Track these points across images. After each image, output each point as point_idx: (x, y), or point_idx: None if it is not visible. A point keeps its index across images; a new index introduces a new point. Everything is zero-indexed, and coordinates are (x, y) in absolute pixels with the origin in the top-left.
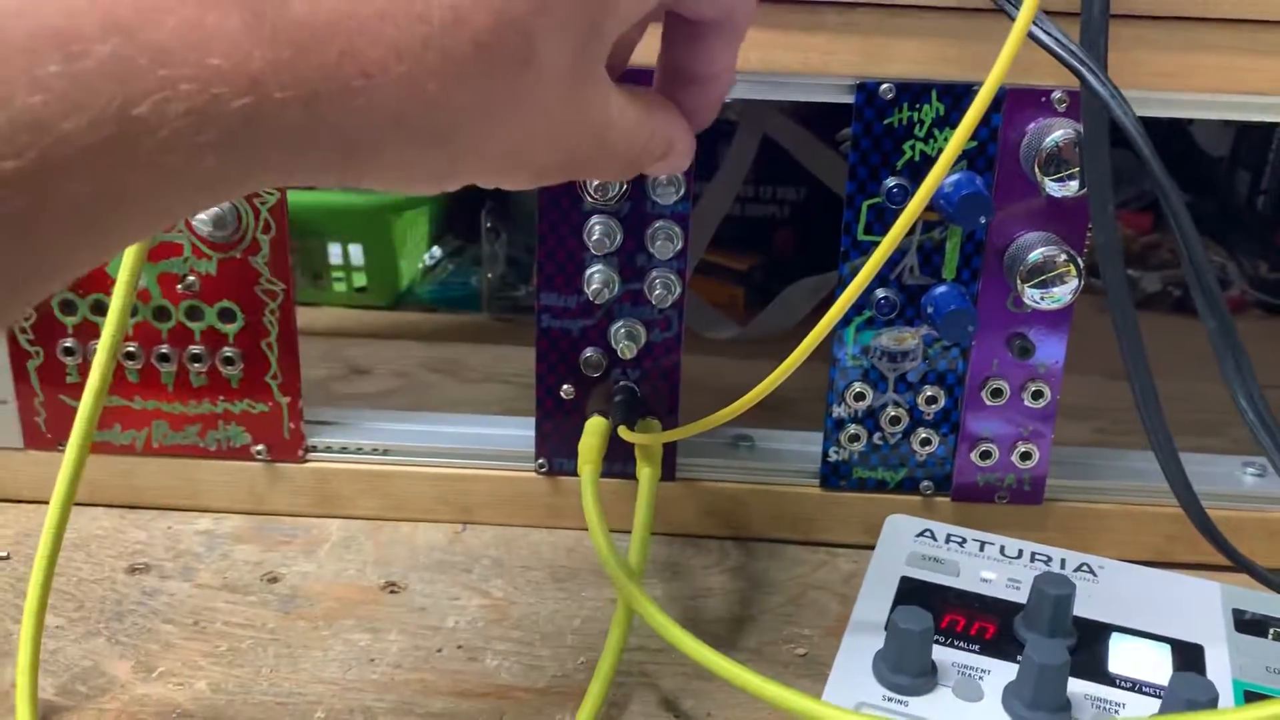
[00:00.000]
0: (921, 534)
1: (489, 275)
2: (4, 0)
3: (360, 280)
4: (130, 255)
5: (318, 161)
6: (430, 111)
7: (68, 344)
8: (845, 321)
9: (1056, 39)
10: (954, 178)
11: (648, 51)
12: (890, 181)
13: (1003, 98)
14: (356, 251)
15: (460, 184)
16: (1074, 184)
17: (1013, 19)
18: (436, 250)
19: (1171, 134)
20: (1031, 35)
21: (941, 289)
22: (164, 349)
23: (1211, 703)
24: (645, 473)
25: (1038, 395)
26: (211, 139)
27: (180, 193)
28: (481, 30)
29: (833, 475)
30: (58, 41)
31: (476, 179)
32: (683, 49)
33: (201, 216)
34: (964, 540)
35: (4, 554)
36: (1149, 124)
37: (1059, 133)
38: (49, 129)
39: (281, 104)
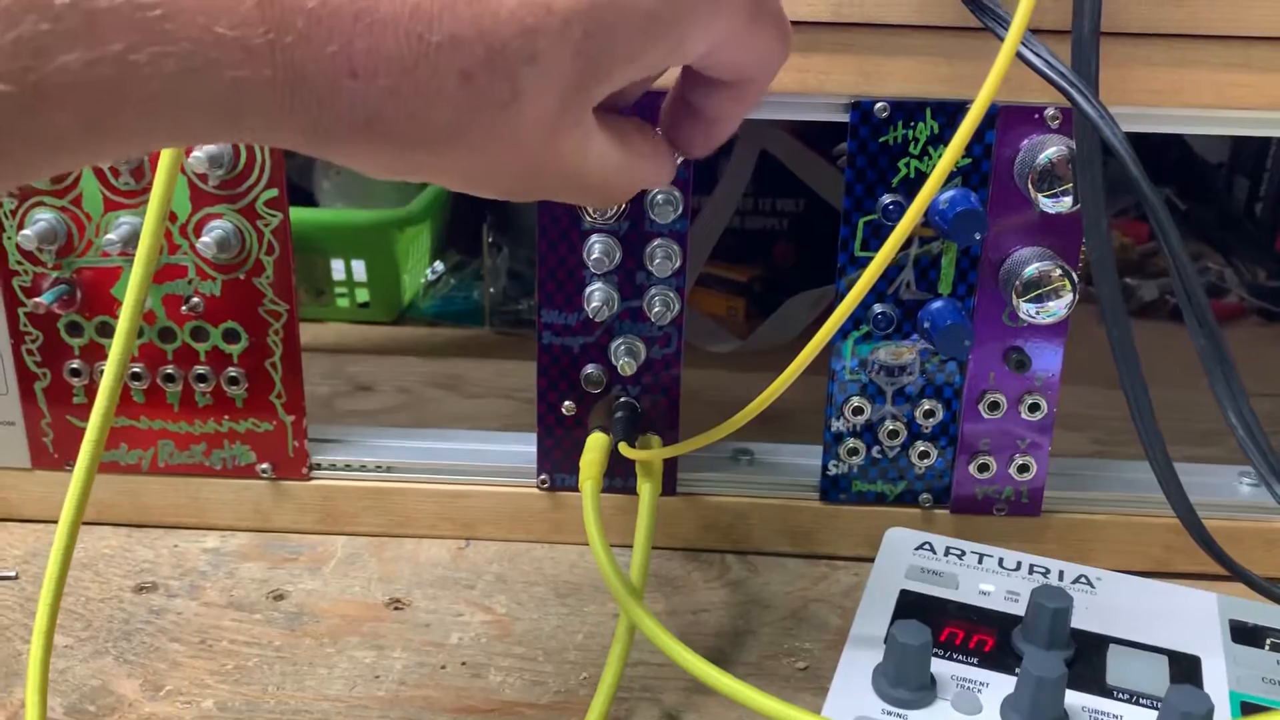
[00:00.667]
0: (921, 547)
1: (491, 289)
2: None
3: (363, 296)
4: (136, 277)
5: (289, 137)
6: (405, 122)
7: (74, 365)
8: (843, 336)
9: (1046, 60)
10: (949, 194)
11: None
12: (886, 198)
13: (995, 115)
14: (359, 267)
15: (420, 181)
16: (1068, 200)
17: (1001, 39)
18: (439, 265)
19: (1169, 142)
20: (1021, 57)
21: (938, 304)
22: (169, 369)
23: (1207, 715)
24: (646, 488)
25: (1034, 408)
26: (197, 99)
27: (156, 134)
28: (472, 63)
29: (832, 489)
30: None
31: (439, 184)
32: (696, 91)
33: (205, 239)
34: (963, 553)
35: (12, 574)
36: (1145, 133)
37: (1052, 149)
38: (50, 57)
39: (270, 82)
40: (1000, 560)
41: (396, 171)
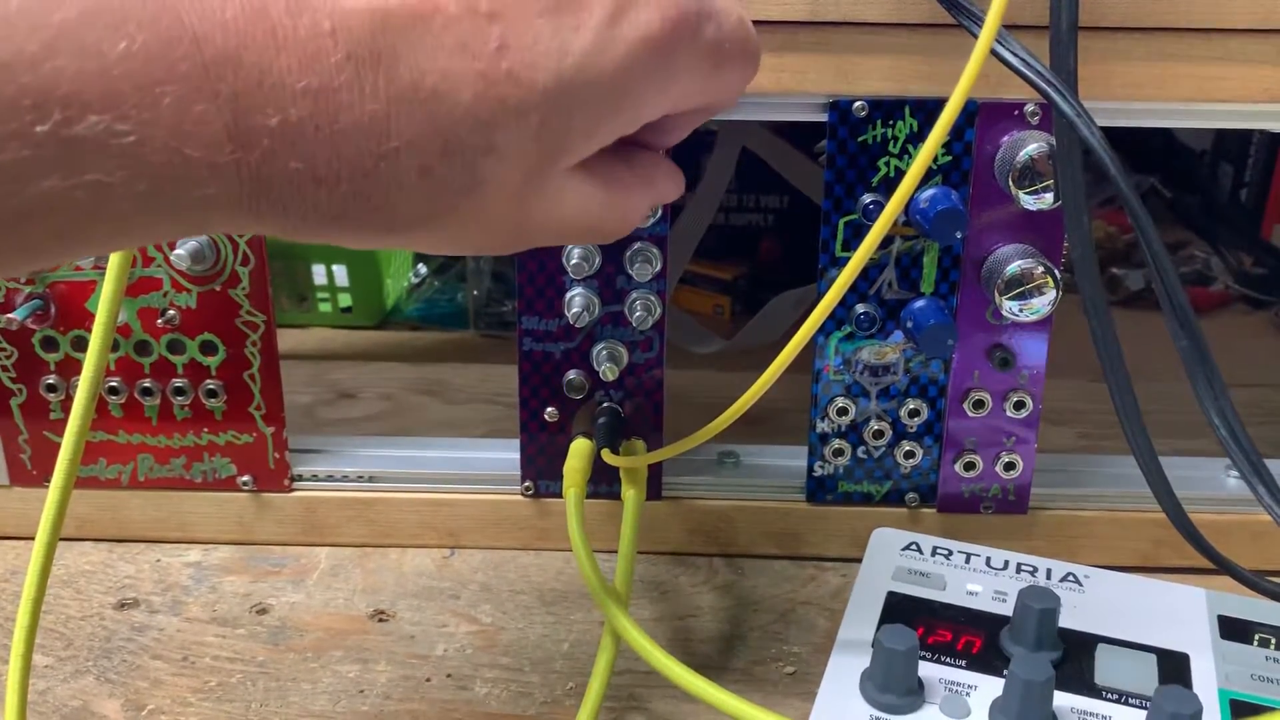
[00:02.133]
0: (908, 547)
1: (474, 291)
2: (14, 52)
3: (345, 300)
4: (109, 291)
5: (259, 232)
6: (372, 214)
7: (50, 380)
8: (826, 336)
9: (1022, 58)
10: (929, 193)
11: None
12: (866, 198)
13: (975, 111)
14: (341, 272)
15: (401, 249)
16: (1049, 196)
17: (976, 36)
18: (421, 268)
19: (1153, 130)
20: (996, 54)
21: (920, 303)
22: (147, 383)
23: (1195, 715)
24: (630, 495)
25: (1019, 405)
26: (167, 212)
27: (125, 240)
28: (431, 158)
29: (818, 490)
30: (60, 103)
31: (418, 250)
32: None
33: (179, 251)
34: (950, 553)
35: None
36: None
37: (1032, 146)
38: (30, 183)
39: (236, 195)
40: (988, 559)
41: (375, 247)
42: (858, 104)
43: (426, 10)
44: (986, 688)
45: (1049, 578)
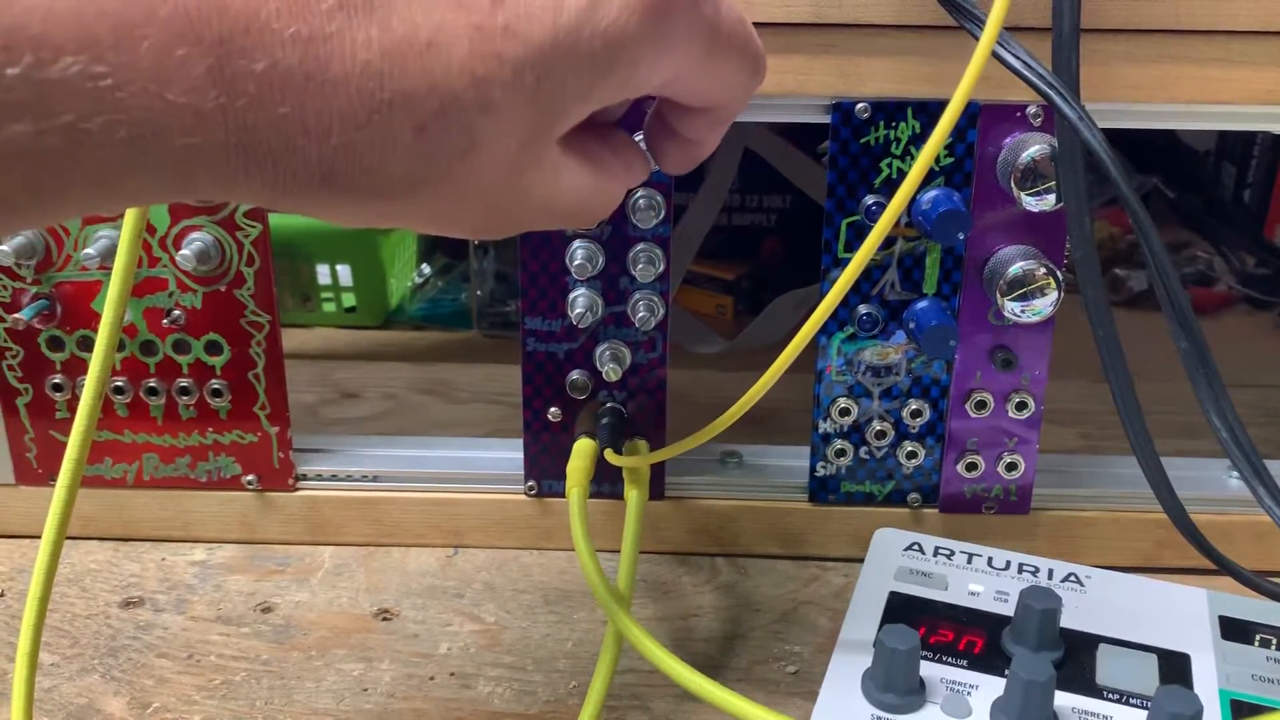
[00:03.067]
0: (910, 547)
1: (478, 291)
2: None
3: (350, 300)
4: (115, 291)
5: (246, 195)
6: (362, 175)
7: (56, 380)
8: (828, 336)
9: (1024, 61)
10: (932, 194)
11: None
12: (869, 199)
13: (977, 113)
14: (345, 272)
15: (388, 227)
16: (1051, 198)
17: (977, 39)
18: (425, 268)
19: (1156, 130)
20: (998, 57)
21: (923, 304)
22: (152, 382)
23: (1196, 716)
24: (633, 495)
25: (1021, 406)
26: (149, 164)
27: (107, 199)
28: (426, 116)
29: (821, 490)
30: (31, 45)
31: (408, 228)
32: (671, 113)
33: (185, 252)
34: (952, 553)
35: None
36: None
37: (1035, 148)
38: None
39: (223, 145)
40: (989, 559)
41: (361, 220)
42: (860, 105)
43: None
44: (988, 688)
45: (1050, 578)
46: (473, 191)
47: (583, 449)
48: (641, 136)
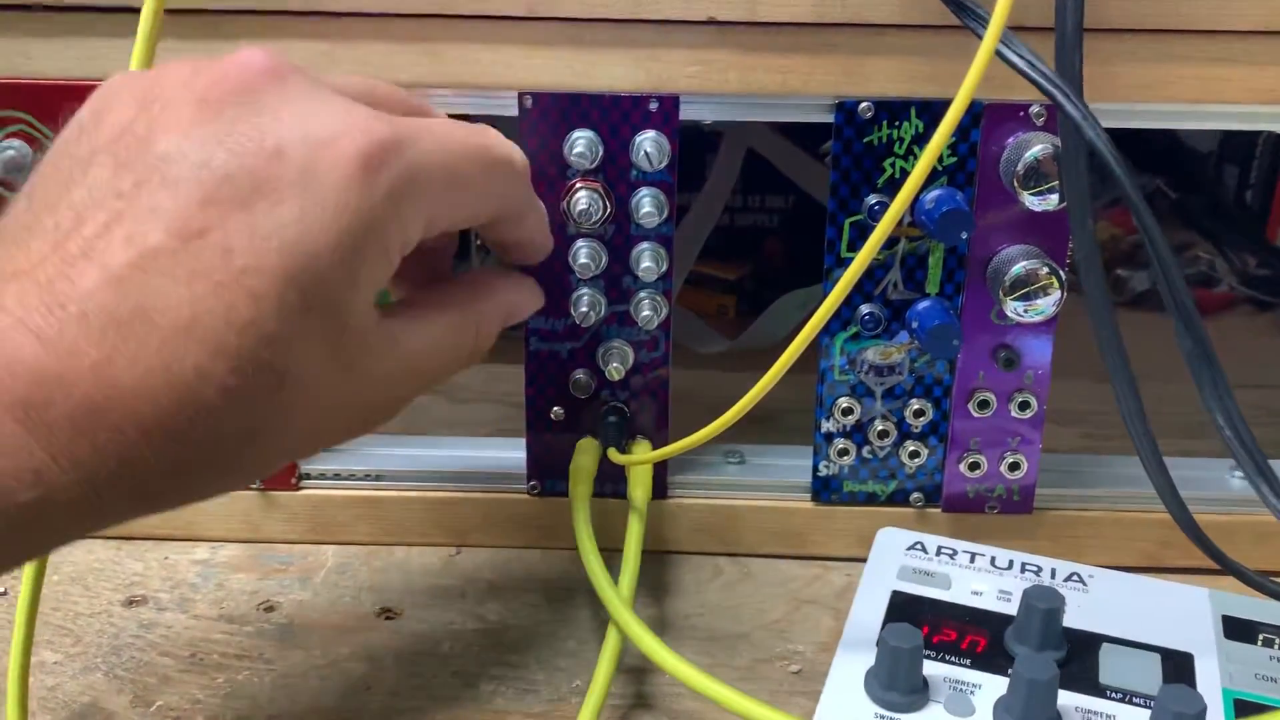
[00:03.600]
0: (912, 547)
1: None
2: None
3: None
4: None
5: (119, 516)
6: (203, 454)
7: None
8: (831, 336)
9: (1027, 60)
10: (935, 194)
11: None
12: (872, 199)
13: (981, 113)
14: None
15: (280, 466)
16: (1054, 197)
17: (980, 37)
18: None
19: (1158, 131)
20: (1002, 56)
21: (925, 304)
22: None
23: (1199, 715)
24: (636, 494)
25: (1024, 406)
26: (3, 529)
27: None
28: (220, 376)
29: (824, 489)
30: None
31: (302, 458)
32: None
33: None
34: (955, 552)
35: (1, 590)
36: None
37: (1038, 147)
38: None
39: (68, 487)
40: (992, 559)
41: (237, 485)
42: (863, 105)
43: (145, 256)
44: (991, 687)
45: (1053, 577)
46: (316, 405)
47: (585, 448)
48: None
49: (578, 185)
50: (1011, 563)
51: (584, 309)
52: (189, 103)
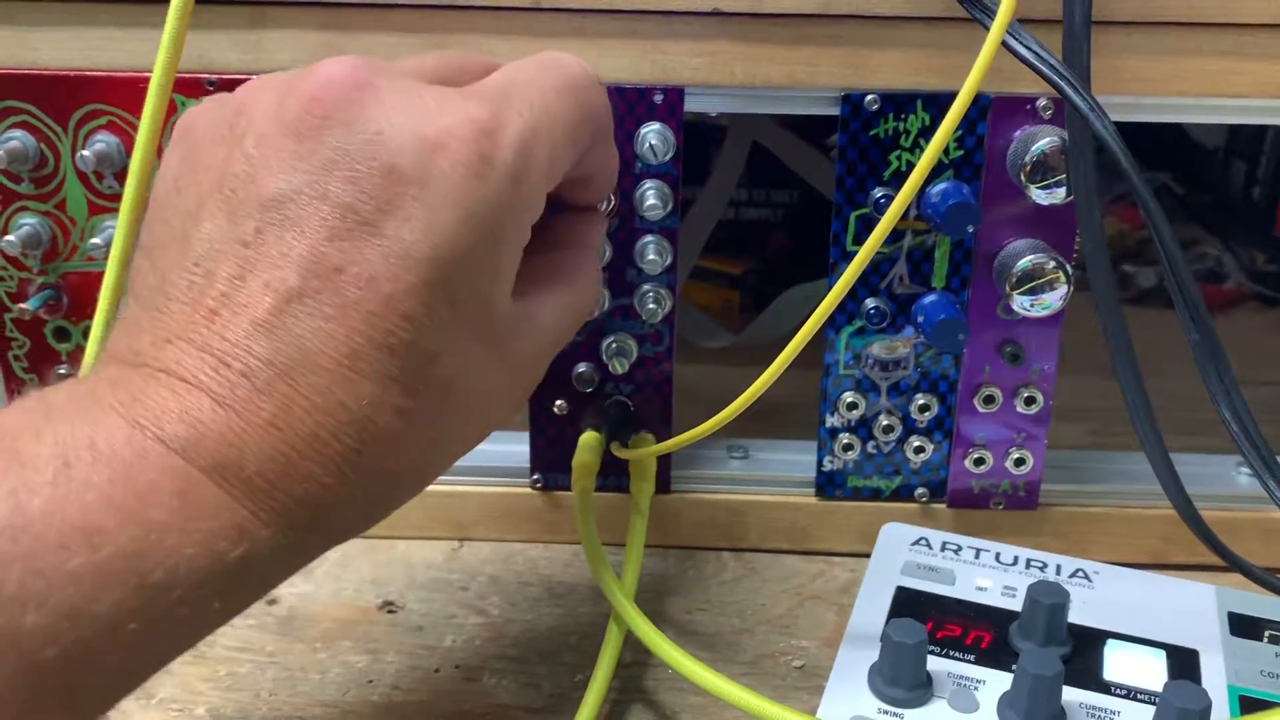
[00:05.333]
0: (917, 542)
1: None
2: (32, 502)
3: None
4: (110, 280)
5: (319, 551)
6: (393, 478)
7: (62, 370)
8: (836, 330)
9: (1035, 52)
10: (941, 187)
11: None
12: (878, 192)
13: (988, 106)
14: None
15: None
16: (1061, 191)
17: (987, 29)
18: None
19: (1165, 126)
20: (1010, 48)
21: (931, 298)
22: None
23: (1204, 712)
24: (639, 488)
25: (1030, 401)
26: (218, 587)
27: (193, 635)
28: (394, 399)
29: (828, 485)
30: (82, 536)
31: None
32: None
33: None
34: (959, 548)
35: None
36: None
37: (1044, 140)
38: (81, 614)
39: (271, 538)
40: (997, 555)
41: (427, 485)
42: (869, 98)
43: (289, 300)
44: (995, 682)
45: (1058, 573)
46: (481, 399)
47: (588, 442)
48: None
49: None
50: (1016, 559)
51: None
52: (285, 135)
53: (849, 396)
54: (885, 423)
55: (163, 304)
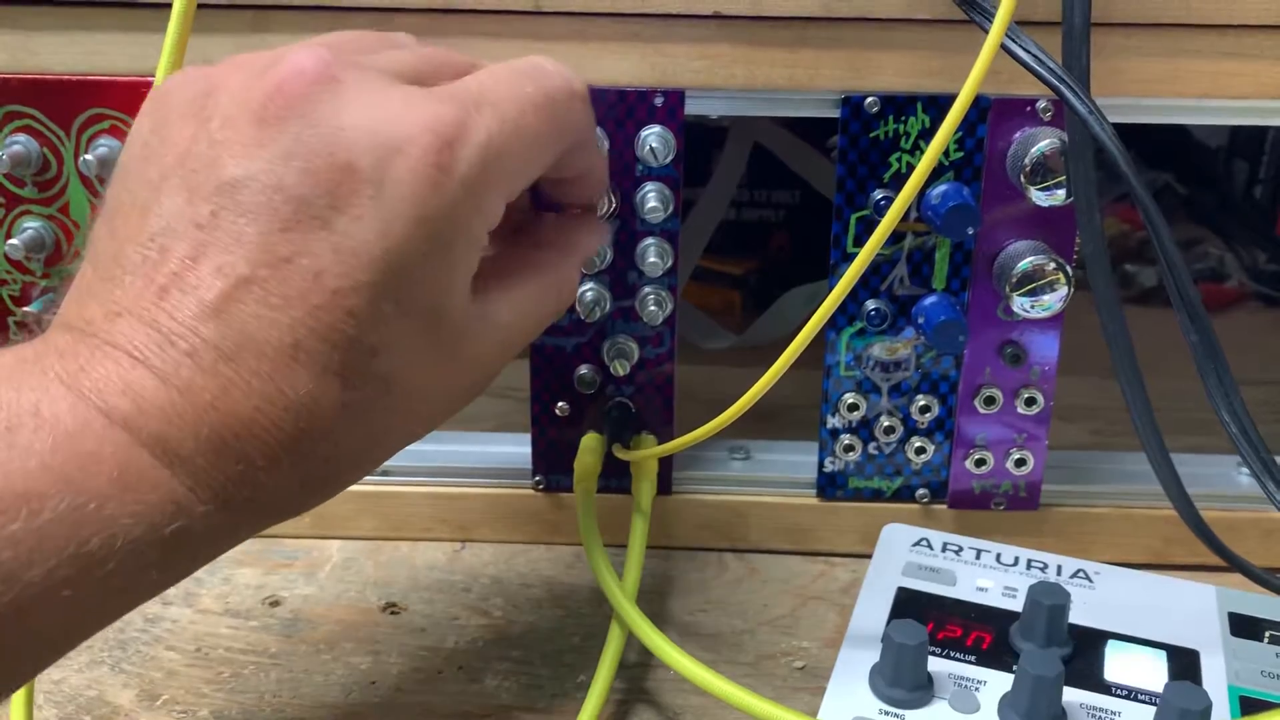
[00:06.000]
0: (918, 543)
1: None
2: None
3: None
4: None
5: (251, 532)
6: (328, 467)
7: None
8: (837, 332)
9: (1034, 55)
10: (941, 189)
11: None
12: (878, 194)
13: (988, 108)
14: None
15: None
16: (1061, 193)
17: (986, 32)
18: None
19: (1167, 126)
20: (1007, 50)
21: (932, 299)
22: None
23: (1205, 712)
24: (640, 489)
25: (1031, 402)
26: (152, 559)
27: (126, 603)
28: (334, 393)
29: (829, 485)
30: (21, 500)
31: (411, 442)
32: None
33: None
34: (960, 548)
35: None
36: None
37: (1044, 142)
38: (16, 579)
39: (206, 515)
40: (998, 555)
41: (363, 476)
42: (870, 100)
43: (238, 286)
44: (996, 683)
45: (1059, 574)
46: (424, 397)
47: (590, 444)
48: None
49: None
50: (1017, 559)
51: (589, 304)
52: (249, 121)
53: (850, 397)
54: (886, 424)
55: (118, 275)
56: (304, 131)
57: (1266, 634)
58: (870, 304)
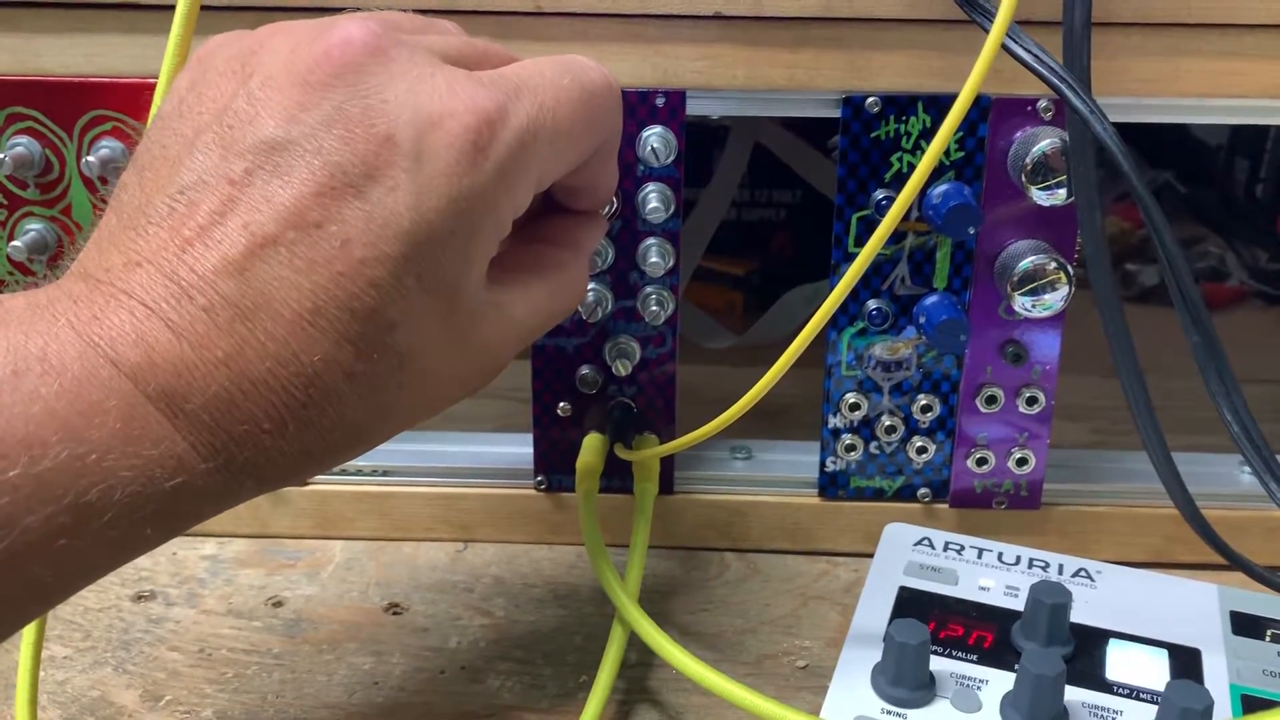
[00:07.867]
0: (920, 542)
1: None
2: None
3: None
4: None
5: (249, 495)
6: (330, 434)
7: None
8: (838, 331)
9: (1035, 55)
10: (942, 188)
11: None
12: (879, 194)
13: (988, 107)
14: None
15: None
16: (1062, 192)
17: (987, 31)
18: None
19: (1168, 125)
20: (1009, 51)
21: (933, 299)
22: None
23: (1206, 711)
24: (642, 489)
25: (1032, 401)
26: (149, 513)
27: (121, 556)
28: (346, 363)
29: (831, 485)
30: (23, 447)
31: (406, 430)
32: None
33: None
34: (962, 548)
35: None
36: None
37: (1045, 142)
38: (14, 524)
39: (207, 473)
40: (1000, 555)
41: (364, 452)
42: (871, 100)
43: (264, 246)
44: (998, 682)
45: (1061, 573)
46: (432, 379)
47: (592, 444)
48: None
49: None
50: (1019, 558)
51: (590, 304)
52: (292, 83)
53: (851, 397)
54: (888, 423)
55: (142, 224)
56: (347, 100)
57: (1268, 633)
58: (871, 303)
